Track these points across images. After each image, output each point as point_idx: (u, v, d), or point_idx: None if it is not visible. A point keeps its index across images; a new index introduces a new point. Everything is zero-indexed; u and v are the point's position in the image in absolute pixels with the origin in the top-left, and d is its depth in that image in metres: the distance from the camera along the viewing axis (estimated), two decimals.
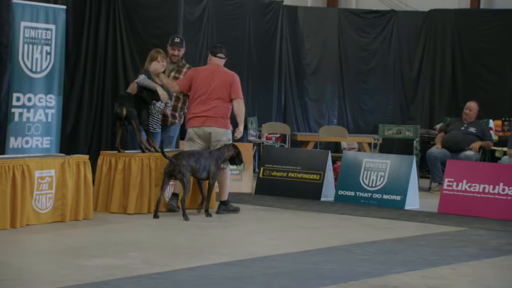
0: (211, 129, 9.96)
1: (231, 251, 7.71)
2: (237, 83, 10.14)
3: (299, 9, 16.06)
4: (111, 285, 6.21)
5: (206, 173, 9.72)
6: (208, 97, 10.00)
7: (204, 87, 10.04)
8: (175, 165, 9.46)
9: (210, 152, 9.79)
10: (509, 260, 7.88)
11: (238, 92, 10.11)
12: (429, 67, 16.13)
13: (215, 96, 10.00)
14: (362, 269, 7.12)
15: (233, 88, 10.08)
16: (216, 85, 10.05)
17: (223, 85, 10.05)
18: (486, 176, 10.53)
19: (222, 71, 10.19)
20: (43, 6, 11.24)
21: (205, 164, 9.66)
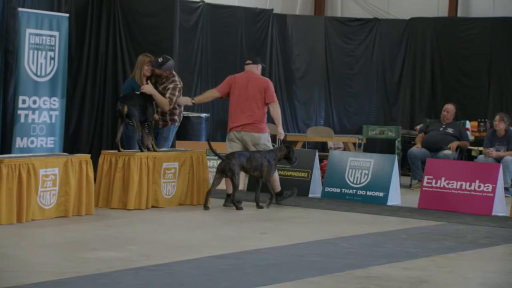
0: (249, 135, 10.24)
1: (224, 244, 7.71)
2: (271, 88, 10.28)
3: (288, 17, 16.07)
4: (111, 276, 6.21)
5: (259, 172, 10.01)
6: (244, 103, 10.23)
7: (241, 93, 10.25)
8: (225, 163, 9.77)
9: (262, 153, 10.04)
10: (484, 252, 7.89)
11: (273, 96, 10.26)
12: (410, 72, 16.16)
13: (251, 101, 10.20)
14: (347, 261, 7.13)
15: (267, 93, 10.23)
16: (251, 91, 10.22)
17: (258, 91, 10.21)
18: (463, 174, 10.54)
19: (256, 78, 10.34)
20: (47, 14, 11.25)
21: (256, 164, 9.94)
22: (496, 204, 10.27)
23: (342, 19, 16.61)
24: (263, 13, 15.53)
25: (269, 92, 10.24)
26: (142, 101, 9.94)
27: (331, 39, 16.36)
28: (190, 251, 7.28)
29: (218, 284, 6.11)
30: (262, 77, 10.44)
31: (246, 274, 6.46)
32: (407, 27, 16.14)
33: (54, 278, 6.07)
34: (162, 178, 9.90)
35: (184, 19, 13.61)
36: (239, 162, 9.84)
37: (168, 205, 9.94)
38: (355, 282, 6.33)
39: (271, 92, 10.26)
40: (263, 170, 9.99)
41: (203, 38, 14.36)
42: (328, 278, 6.45)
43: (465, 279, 6.67)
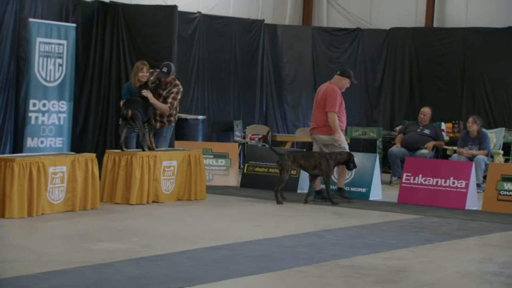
0: (317, 137, 10.57)
1: (219, 236, 7.71)
2: (331, 97, 10.43)
3: (278, 27, 16.07)
4: (114, 266, 6.21)
5: (318, 170, 10.13)
6: (316, 108, 10.60)
7: (315, 100, 10.66)
8: (278, 160, 10.10)
9: (323, 153, 10.25)
10: (458, 243, 7.92)
11: (330, 105, 10.41)
12: (390, 77, 16.17)
13: (318, 107, 10.53)
14: (332, 251, 7.14)
15: (327, 101, 10.43)
16: (320, 98, 10.53)
17: (323, 98, 10.45)
18: (439, 171, 10.56)
19: (328, 87, 10.58)
20: (56, 24, 11.26)
21: (315, 163, 10.07)
22: (469, 199, 10.30)
23: (328, 29, 16.62)
24: (255, 23, 15.53)
25: (329, 100, 10.40)
26: (144, 104, 9.95)
27: (317, 47, 16.37)
28: (188, 243, 7.28)
29: (213, 273, 6.11)
30: (332, 86, 10.55)
31: (239, 264, 6.47)
32: (387, 36, 16.15)
33: (63, 267, 6.07)
34: (162, 175, 9.89)
35: (182, 29, 13.60)
36: (293, 160, 10.05)
37: (167, 200, 9.93)
38: (339, 271, 6.34)
39: (330, 101, 10.38)
40: (322, 169, 10.11)
41: (200, 46, 14.36)
42: (315, 267, 6.46)
43: (440, 268, 6.68)
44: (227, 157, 11.91)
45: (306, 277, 6.12)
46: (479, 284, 6.18)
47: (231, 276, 6.03)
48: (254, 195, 10.92)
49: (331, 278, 6.09)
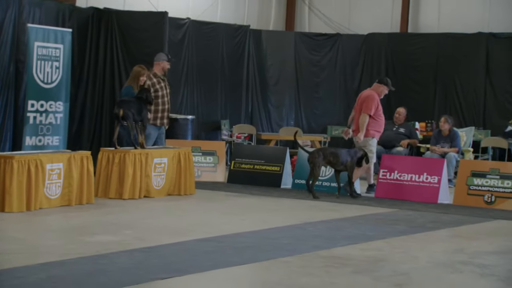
0: (356, 138, 10.72)
1: (207, 229, 7.71)
2: (368, 101, 10.65)
3: (263, 32, 16.07)
4: (108, 257, 6.19)
5: (343, 166, 10.30)
6: (356, 113, 10.82)
7: (356, 106, 10.88)
8: (309, 157, 10.27)
9: (348, 151, 10.43)
10: (431, 235, 7.95)
11: (366, 108, 10.61)
12: (368, 79, 16.17)
13: (358, 112, 10.74)
14: (314, 243, 7.15)
15: (364, 104, 10.64)
16: (359, 103, 10.75)
17: (362, 102, 10.68)
18: (413, 168, 10.59)
19: (367, 93, 10.81)
20: (53, 29, 11.24)
21: (342, 159, 10.26)
22: (441, 193, 10.34)
23: (309, 34, 16.63)
24: (241, 29, 15.52)
25: (365, 104, 10.61)
26: (138, 105, 9.92)
27: (300, 51, 16.38)
28: (178, 235, 7.27)
29: (202, 263, 6.11)
30: (371, 92, 10.75)
31: (227, 255, 6.47)
32: (365, 41, 16.19)
33: (59, 259, 6.05)
34: (153, 171, 9.87)
35: (173, 34, 13.57)
36: (323, 157, 10.21)
37: (158, 195, 9.91)
38: (320, 261, 6.35)
39: (366, 104, 10.59)
40: (347, 165, 10.28)
41: (189, 50, 14.33)
42: (297, 258, 6.47)
43: (414, 258, 6.71)
44: (215, 155, 11.90)
45: (289, 267, 6.13)
46: (450, 273, 6.21)
47: (219, 266, 6.03)
48: (240, 190, 10.92)
49: (312, 268, 6.10)
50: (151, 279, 5.56)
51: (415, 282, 5.83)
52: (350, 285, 5.61)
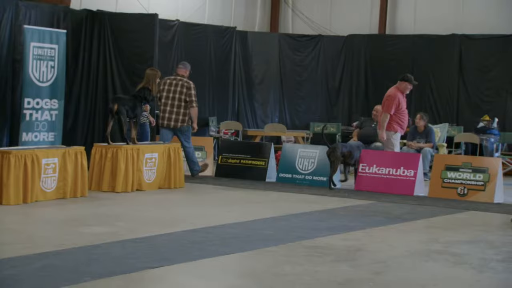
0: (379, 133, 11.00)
1: (196, 220, 7.70)
2: (389, 100, 10.75)
3: (248, 33, 16.05)
4: (102, 247, 6.17)
5: (354, 160, 10.64)
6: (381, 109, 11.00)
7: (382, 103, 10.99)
8: (329, 151, 10.47)
9: (358, 146, 10.76)
10: (407, 225, 7.97)
11: (386, 107, 10.75)
12: (348, 79, 16.24)
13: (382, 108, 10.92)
14: (297, 233, 7.15)
15: (385, 103, 10.84)
16: (383, 100, 10.93)
17: (384, 101, 10.87)
18: (391, 162, 10.62)
19: (390, 91, 10.90)
20: (48, 30, 11.19)
21: (356, 155, 10.62)
22: (417, 186, 10.37)
23: (292, 35, 16.64)
24: (228, 30, 15.50)
25: (386, 103, 10.78)
26: (133, 102, 9.90)
27: (283, 51, 16.38)
28: (168, 226, 7.26)
29: (191, 253, 6.10)
30: (393, 90, 10.85)
31: (214, 245, 6.46)
32: (345, 42, 16.21)
33: (55, 249, 6.03)
34: (144, 166, 9.85)
35: (163, 35, 13.53)
36: (340, 152, 10.44)
37: (149, 189, 9.89)
38: (303, 251, 6.36)
39: (387, 104, 10.74)
40: (357, 159, 10.59)
41: (178, 50, 14.30)
42: (282, 247, 6.47)
43: (392, 247, 6.73)
44: (203, 150, 11.88)
45: (274, 257, 6.13)
46: (425, 261, 6.23)
47: (207, 256, 6.02)
48: (227, 183, 10.91)
49: (296, 257, 6.10)
50: (142, 268, 5.55)
51: (392, 270, 5.85)
52: (332, 273, 5.62)
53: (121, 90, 12.44)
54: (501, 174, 10.04)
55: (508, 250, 6.78)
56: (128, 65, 12.46)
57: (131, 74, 12.47)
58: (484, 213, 9.02)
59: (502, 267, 6.09)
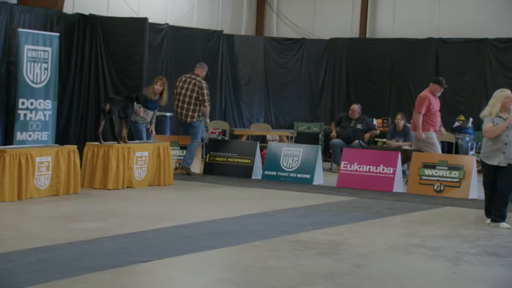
0: (412, 133, 11.08)
1: (185, 216, 7.69)
2: (419, 101, 10.77)
3: (235, 37, 16.04)
4: (94, 242, 6.15)
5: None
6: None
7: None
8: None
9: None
10: (387, 220, 8.01)
11: (417, 107, 10.75)
12: (330, 80, 16.26)
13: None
14: (281, 228, 7.17)
15: (416, 103, 10.86)
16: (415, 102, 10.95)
17: (416, 102, 10.91)
18: (371, 160, 10.66)
19: (421, 93, 10.96)
20: (42, 33, 11.15)
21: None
22: (396, 183, 10.42)
23: (277, 39, 16.64)
24: (215, 34, 15.47)
25: (417, 103, 10.82)
26: (124, 102, 9.91)
27: (269, 54, 16.38)
28: (158, 222, 7.24)
29: (180, 247, 6.09)
30: (424, 92, 10.90)
31: (202, 240, 6.46)
32: (327, 45, 16.23)
33: (48, 244, 6.00)
34: (135, 164, 9.82)
35: (152, 38, 13.49)
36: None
37: (139, 186, 9.86)
38: (288, 245, 6.37)
39: (418, 104, 10.75)
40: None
41: (167, 53, 14.25)
42: (267, 242, 6.48)
43: (372, 241, 6.75)
44: None
45: (259, 251, 6.13)
46: (404, 254, 6.26)
47: (196, 250, 6.02)
48: (214, 181, 10.91)
49: (281, 251, 6.11)
50: (133, 262, 5.53)
51: (372, 263, 5.88)
52: (315, 266, 5.64)
53: (113, 91, 12.41)
54: (475, 171, 10.09)
55: (482, 244, 6.83)
56: (119, 67, 12.42)
57: (122, 75, 12.45)
58: (459, 208, 9.08)
59: (477, 260, 6.13)
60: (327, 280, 5.27)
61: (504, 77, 14.37)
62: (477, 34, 14.68)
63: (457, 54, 14.79)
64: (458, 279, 5.53)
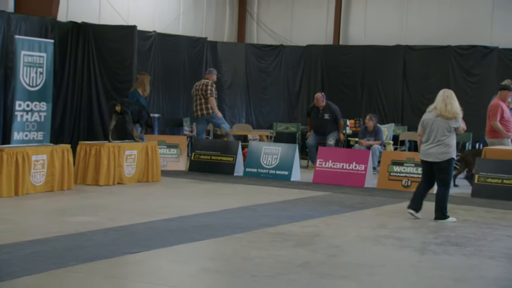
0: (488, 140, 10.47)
1: (171, 210, 7.67)
2: (492, 110, 10.27)
3: (218, 43, 16.01)
4: (86, 235, 6.12)
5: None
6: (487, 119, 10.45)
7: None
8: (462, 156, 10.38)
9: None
10: (359, 214, 8.04)
11: (492, 117, 10.26)
12: (306, 84, 16.28)
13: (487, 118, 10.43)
14: (262, 221, 7.17)
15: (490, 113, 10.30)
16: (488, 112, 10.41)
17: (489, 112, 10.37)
18: (344, 158, 10.70)
19: (492, 102, 10.48)
20: (37, 40, 11.08)
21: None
22: (367, 179, 10.47)
23: (257, 45, 16.63)
24: (200, 41, 15.43)
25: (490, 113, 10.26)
26: (138, 107, 10.09)
27: (249, 59, 16.36)
28: (146, 216, 7.22)
29: (167, 240, 6.08)
30: (494, 101, 10.41)
31: (188, 233, 6.45)
32: (304, 51, 16.26)
33: (43, 236, 5.96)
34: (125, 162, 9.77)
35: (141, 44, 13.43)
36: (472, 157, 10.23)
37: (129, 182, 9.82)
38: (267, 237, 6.38)
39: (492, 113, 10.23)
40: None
41: (155, 58, 14.19)
42: (248, 234, 6.48)
43: (345, 232, 6.78)
44: (178, 147, 11.82)
45: (241, 242, 6.13)
46: (374, 245, 6.30)
47: (182, 242, 6.01)
48: (199, 177, 10.88)
49: (260, 243, 6.12)
50: (123, 253, 5.51)
51: (345, 253, 5.90)
52: (292, 257, 5.65)
53: (104, 94, 12.38)
54: None
55: (445, 234, 6.89)
56: (110, 72, 12.36)
57: (113, 79, 12.40)
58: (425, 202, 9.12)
59: (441, 249, 6.18)
60: (304, 269, 5.28)
61: (466, 81, 14.51)
62: (440, 42, 14.80)
63: (422, 60, 14.90)
64: (424, 267, 5.57)
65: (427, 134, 7.61)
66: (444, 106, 7.54)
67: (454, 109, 7.53)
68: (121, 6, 13.85)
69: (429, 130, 7.60)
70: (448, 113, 7.49)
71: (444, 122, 7.52)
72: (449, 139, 7.53)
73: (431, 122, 7.60)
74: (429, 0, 15.29)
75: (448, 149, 7.52)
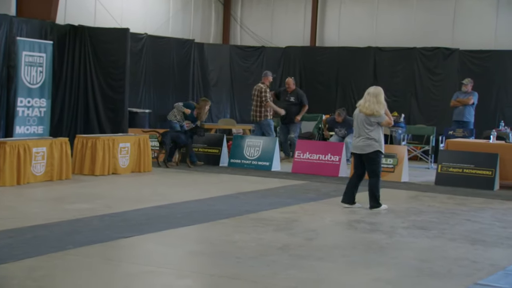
0: None
1: (162, 198, 7.65)
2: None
3: (204, 45, 15.96)
4: (83, 221, 6.09)
5: None
6: None
7: None
8: None
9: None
10: (333, 201, 8.06)
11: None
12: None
13: None
14: (245, 208, 7.18)
15: None
16: None
17: None
18: (320, 149, 10.74)
19: None
20: (37, 41, 11.02)
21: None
22: (341, 169, 10.52)
23: (241, 46, 16.60)
24: (188, 42, 15.37)
25: None
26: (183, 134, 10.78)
27: (234, 60, 16.34)
28: (138, 203, 7.19)
29: (158, 225, 6.06)
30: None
31: (177, 218, 6.44)
32: (283, 52, 16.25)
33: (44, 222, 5.92)
34: (119, 153, 9.72)
35: (133, 46, 13.35)
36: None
37: (123, 172, 9.76)
38: (250, 222, 6.39)
39: None
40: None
41: (146, 59, 14.12)
42: (232, 220, 6.49)
43: (321, 218, 6.81)
44: None
45: (226, 227, 6.14)
46: (347, 229, 6.33)
47: (171, 227, 6.00)
48: (187, 168, 10.85)
49: (244, 227, 6.13)
50: (117, 237, 5.49)
51: (321, 237, 5.93)
52: (273, 240, 5.66)
53: (99, 91, 12.31)
54: (406, 159, 10.25)
55: (412, 219, 6.95)
56: (105, 71, 12.29)
57: (107, 78, 12.34)
58: (393, 190, 9.21)
59: (407, 232, 6.24)
60: (283, 251, 5.30)
61: (430, 80, 14.61)
62: (407, 44, 14.89)
63: (391, 60, 14.97)
64: (392, 248, 5.61)
65: (355, 129, 7.45)
66: (363, 103, 7.36)
67: (372, 105, 7.27)
68: (115, 10, 13.75)
69: (356, 125, 7.42)
70: (366, 110, 7.30)
71: (365, 117, 7.31)
72: (373, 133, 7.30)
73: (355, 117, 7.46)
74: (397, 5, 15.37)
75: (372, 142, 7.29)
